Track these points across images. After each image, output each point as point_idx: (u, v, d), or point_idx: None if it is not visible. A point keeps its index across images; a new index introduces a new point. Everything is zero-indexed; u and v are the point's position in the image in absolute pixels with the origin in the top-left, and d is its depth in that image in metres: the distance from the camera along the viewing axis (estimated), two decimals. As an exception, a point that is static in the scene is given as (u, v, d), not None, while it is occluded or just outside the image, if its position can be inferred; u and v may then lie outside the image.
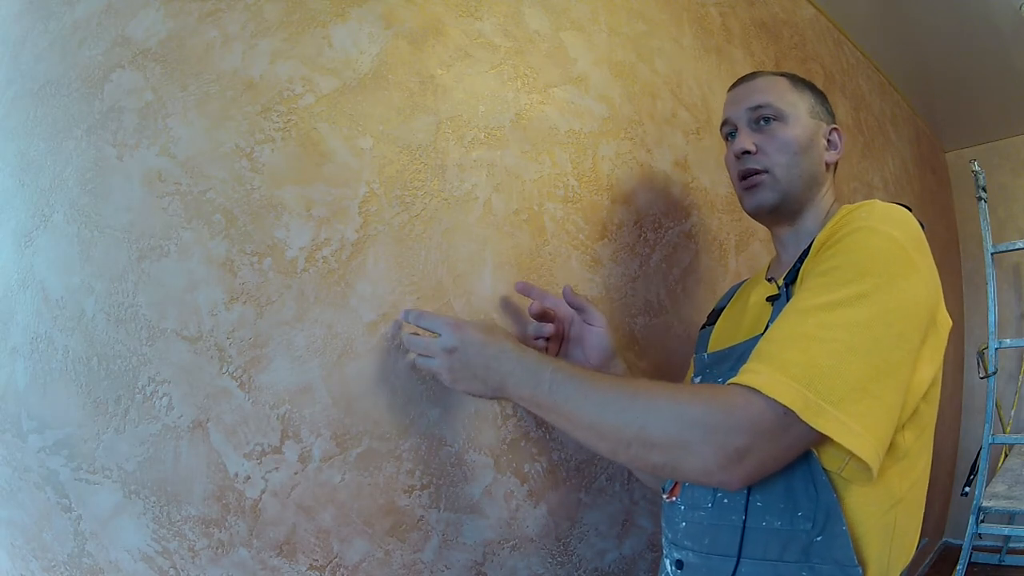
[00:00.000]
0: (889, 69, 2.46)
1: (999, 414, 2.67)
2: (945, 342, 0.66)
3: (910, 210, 0.67)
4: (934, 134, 3.06)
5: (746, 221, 1.31)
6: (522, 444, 0.89)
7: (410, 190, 0.81)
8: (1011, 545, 2.51)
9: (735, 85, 0.87)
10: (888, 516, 0.62)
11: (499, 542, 0.85)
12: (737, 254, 1.31)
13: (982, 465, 2.07)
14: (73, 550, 0.62)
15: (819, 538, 0.60)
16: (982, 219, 2.29)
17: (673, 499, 0.74)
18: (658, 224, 1.12)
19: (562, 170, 0.98)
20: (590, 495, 0.96)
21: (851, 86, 2.12)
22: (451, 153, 0.86)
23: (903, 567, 0.63)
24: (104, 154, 0.67)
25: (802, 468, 0.61)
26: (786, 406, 0.54)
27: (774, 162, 0.79)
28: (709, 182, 1.26)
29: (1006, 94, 2.62)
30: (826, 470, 0.60)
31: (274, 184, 0.72)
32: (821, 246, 0.67)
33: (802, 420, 0.54)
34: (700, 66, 1.33)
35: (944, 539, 2.83)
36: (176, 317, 0.66)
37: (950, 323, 0.67)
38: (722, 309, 0.90)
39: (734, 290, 0.94)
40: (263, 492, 0.68)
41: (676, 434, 0.57)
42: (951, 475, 2.83)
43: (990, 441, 2.15)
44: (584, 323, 0.85)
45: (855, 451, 0.54)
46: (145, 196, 0.67)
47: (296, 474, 0.70)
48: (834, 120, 0.85)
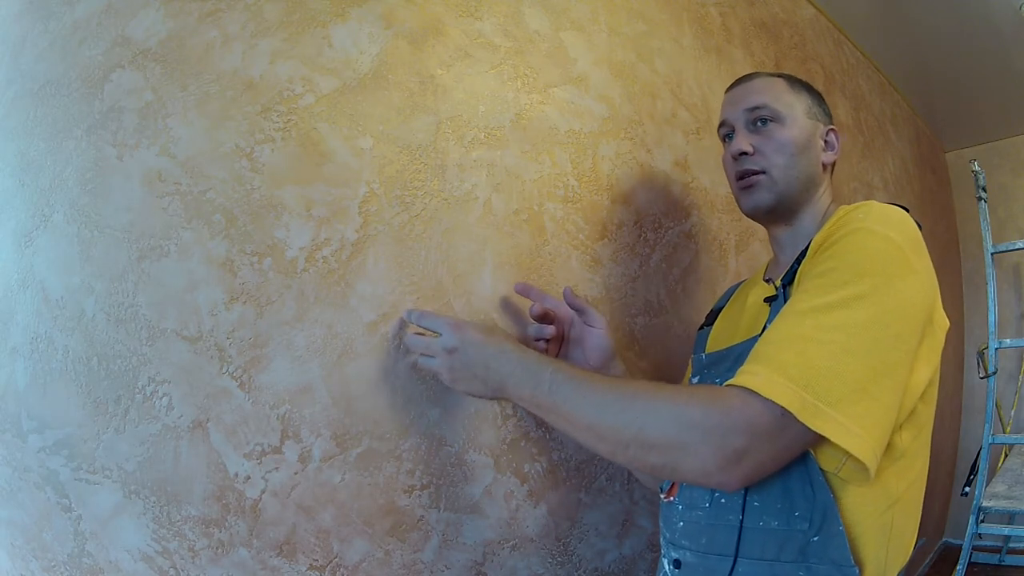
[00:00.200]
0: (889, 69, 2.46)
1: (999, 414, 2.67)
2: (942, 342, 0.66)
3: (907, 211, 0.68)
4: (934, 134, 3.06)
5: (746, 221, 1.31)
6: (522, 444, 0.89)
7: (410, 190, 0.82)
8: (1011, 545, 2.51)
9: (732, 86, 0.87)
10: (885, 516, 0.62)
11: (499, 542, 0.86)
12: (737, 254, 1.31)
13: (982, 465, 2.08)
14: (73, 550, 0.62)
15: (816, 538, 0.60)
16: (982, 219, 2.29)
17: (671, 499, 0.74)
18: (658, 224, 1.13)
19: (562, 170, 0.98)
20: (590, 495, 0.96)
21: (851, 86, 2.12)
22: (451, 153, 0.86)
23: (900, 567, 0.64)
24: (104, 154, 0.67)
25: (799, 468, 0.61)
26: (783, 407, 0.54)
27: (771, 163, 0.79)
28: (709, 182, 1.26)
29: (1006, 94, 2.62)
30: (823, 470, 0.60)
31: (274, 184, 0.72)
32: (819, 247, 0.67)
33: (800, 421, 0.54)
34: (700, 66, 1.33)
35: (944, 539, 2.83)
36: (176, 317, 0.66)
37: (947, 323, 0.67)
38: (720, 310, 0.90)
39: (732, 291, 0.94)
40: (263, 492, 0.68)
41: (675, 436, 0.58)
42: (951, 475, 2.83)
43: (990, 441, 2.16)
44: (584, 324, 0.85)
45: (853, 452, 0.54)
46: (145, 196, 0.67)
47: (296, 474, 0.70)
48: (831, 121, 0.85)
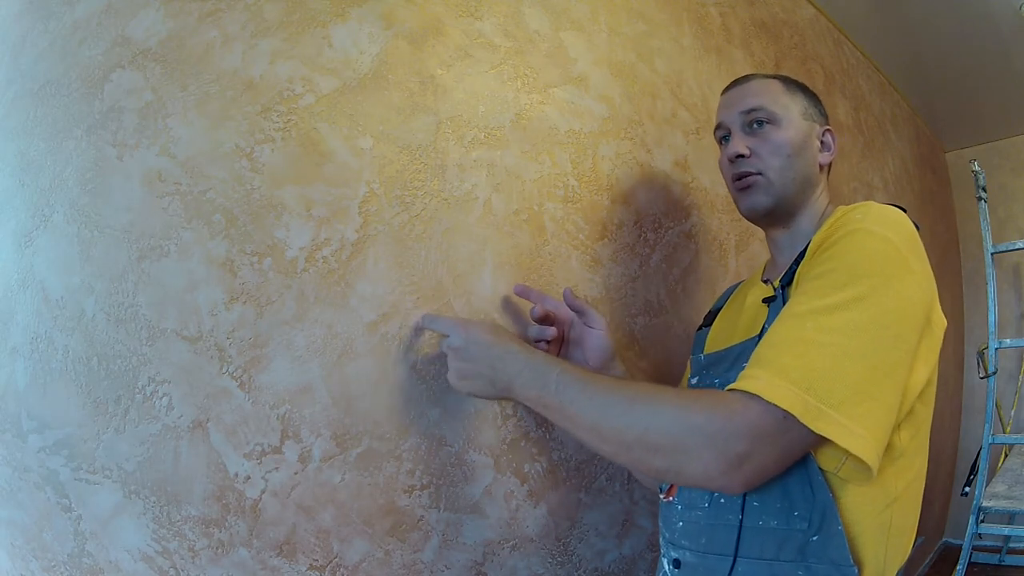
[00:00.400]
0: (889, 69, 2.46)
1: (999, 414, 2.67)
2: (940, 342, 0.66)
3: (904, 211, 0.68)
4: (934, 134, 3.06)
5: (746, 221, 1.31)
6: (522, 444, 0.89)
7: (410, 190, 0.82)
8: (1011, 545, 2.51)
9: (728, 89, 0.87)
10: (884, 515, 0.62)
11: (499, 542, 0.86)
12: (737, 254, 1.31)
13: (982, 465, 2.08)
14: (73, 550, 0.62)
15: (815, 537, 0.60)
16: (982, 219, 2.30)
17: (670, 499, 0.74)
18: (658, 224, 1.13)
19: (562, 170, 0.98)
20: (590, 495, 0.96)
21: (851, 86, 2.12)
22: (451, 153, 0.86)
23: (899, 566, 0.64)
24: (104, 154, 0.67)
25: (799, 468, 0.61)
26: (785, 410, 0.54)
27: (768, 165, 0.79)
28: (709, 182, 1.26)
29: (1006, 94, 2.62)
30: (822, 470, 0.60)
31: (274, 184, 0.72)
32: (817, 248, 0.67)
33: (802, 424, 0.54)
34: (700, 66, 1.33)
35: (944, 539, 2.83)
36: (176, 317, 0.66)
37: (945, 323, 0.67)
38: (718, 311, 0.91)
39: (730, 292, 0.94)
40: (263, 492, 0.68)
41: (678, 439, 0.58)
42: (951, 475, 2.83)
43: (990, 441, 2.16)
44: (584, 325, 0.86)
45: (856, 453, 0.54)
46: (145, 196, 0.67)
47: (296, 474, 0.70)
48: (827, 121, 0.85)
